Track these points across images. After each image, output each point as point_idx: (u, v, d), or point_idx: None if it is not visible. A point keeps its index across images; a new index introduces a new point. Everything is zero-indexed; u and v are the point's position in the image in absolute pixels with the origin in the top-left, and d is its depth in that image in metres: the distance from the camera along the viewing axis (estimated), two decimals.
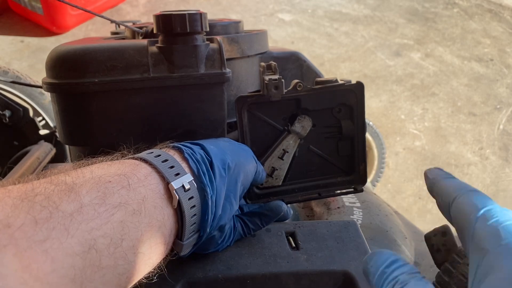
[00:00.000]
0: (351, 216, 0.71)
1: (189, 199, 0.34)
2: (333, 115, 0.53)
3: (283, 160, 0.52)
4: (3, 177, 0.72)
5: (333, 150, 0.54)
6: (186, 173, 0.34)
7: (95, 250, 0.25)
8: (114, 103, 0.44)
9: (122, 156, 0.36)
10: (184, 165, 0.35)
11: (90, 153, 0.48)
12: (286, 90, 0.48)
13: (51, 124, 1.07)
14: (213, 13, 2.64)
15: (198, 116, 0.47)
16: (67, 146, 0.95)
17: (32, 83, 1.01)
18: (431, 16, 2.83)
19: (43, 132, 1.02)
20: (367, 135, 1.27)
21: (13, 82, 0.67)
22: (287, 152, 0.52)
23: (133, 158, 0.35)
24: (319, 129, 0.53)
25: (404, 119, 2.05)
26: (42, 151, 0.86)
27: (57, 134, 0.96)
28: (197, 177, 0.35)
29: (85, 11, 0.55)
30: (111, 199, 0.28)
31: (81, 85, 0.42)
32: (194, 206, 0.34)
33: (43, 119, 1.07)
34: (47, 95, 1.08)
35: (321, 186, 0.55)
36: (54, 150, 0.91)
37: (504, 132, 2.00)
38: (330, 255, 0.43)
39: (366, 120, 0.64)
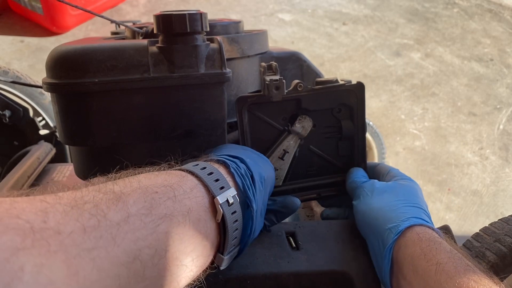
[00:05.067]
0: None
1: (232, 213, 0.34)
2: (333, 115, 0.53)
3: (283, 160, 0.52)
4: (3, 177, 0.72)
5: (333, 150, 0.54)
6: (230, 187, 0.35)
7: (140, 261, 0.26)
8: (114, 103, 0.44)
9: (169, 167, 0.37)
10: (228, 179, 0.36)
11: (90, 153, 0.48)
12: (286, 91, 0.48)
13: (51, 124, 1.07)
14: (213, 13, 2.64)
15: (198, 116, 0.47)
16: (67, 146, 0.95)
17: (32, 83, 1.01)
18: (431, 16, 2.83)
19: (43, 132, 1.02)
20: (367, 135, 1.27)
21: (13, 82, 0.67)
22: (288, 152, 0.52)
23: (180, 169, 0.35)
24: (319, 129, 0.53)
25: (404, 119, 2.05)
26: (42, 151, 0.86)
27: (57, 134, 0.96)
28: (242, 192, 0.36)
29: (85, 11, 0.55)
30: (157, 210, 0.28)
31: (81, 85, 0.42)
32: (236, 220, 0.35)
33: (43, 119, 1.06)
34: (47, 95, 1.08)
35: (321, 186, 0.55)
36: (54, 150, 0.91)
37: (504, 132, 2.00)
38: (330, 255, 0.43)
39: (366, 120, 0.64)
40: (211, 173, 0.35)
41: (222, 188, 0.34)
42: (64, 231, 0.22)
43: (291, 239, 0.46)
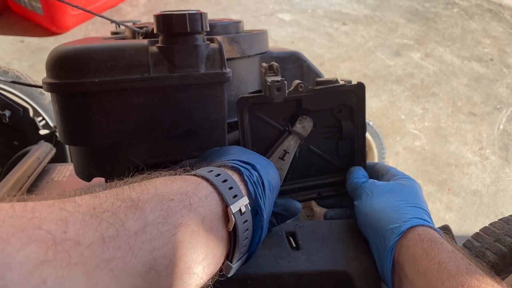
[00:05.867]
0: None
1: (244, 222, 0.34)
2: (334, 115, 0.53)
3: (283, 160, 0.52)
4: (3, 177, 0.72)
5: (333, 150, 0.54)
6: (243, 196, 0.35)
7: (155, 271, 0.26)
8: (114, 103, 0.44)
9: (184, 171, 0.37)
10: (242, 186, 0.36)
11: (90, 153, 0.48)
12: (287, 91, 0.48)
13: (51, 124, 1.07)
14: (213, 13, 2.64)
15: (198, 116, 0.47)
16: (67, 146, 0.95)
17: (32, 83, 1.01)
18: (431, 16, 2.83)
19: (43, 132, 1.02)
20: (367, 135, 1.27)
21: (13, 82, 0.67)
22: (288, 152, 0.52)
23: (194, 175, 0.35)
24: (320, 129, 0.53)
25: (404, 119, 2.05)
26: (42, 151, 0.86)
27: (57, 134, 0.96)
28: (253, 200, 0.36)
29: (85, 11, 0.55)
30: (173, 218, 0.29)
31: (81, 85, 0.42)
32: (247, 229, 0.35)
33: (43, 119, 1.06)
34: (47, 95, 1.08)
35: (321, 186, 0.55)
36: (54, 150, 0.91)
37: (504, 132, 2.00)
38: (330, 255, 0.43)
39: (366, 120, 0.64)
40: (225, 180, 0.35)
41: (235, 196, 0.34)
42: (83, 242, 0.23)
43: (291, 239, 0.46)
